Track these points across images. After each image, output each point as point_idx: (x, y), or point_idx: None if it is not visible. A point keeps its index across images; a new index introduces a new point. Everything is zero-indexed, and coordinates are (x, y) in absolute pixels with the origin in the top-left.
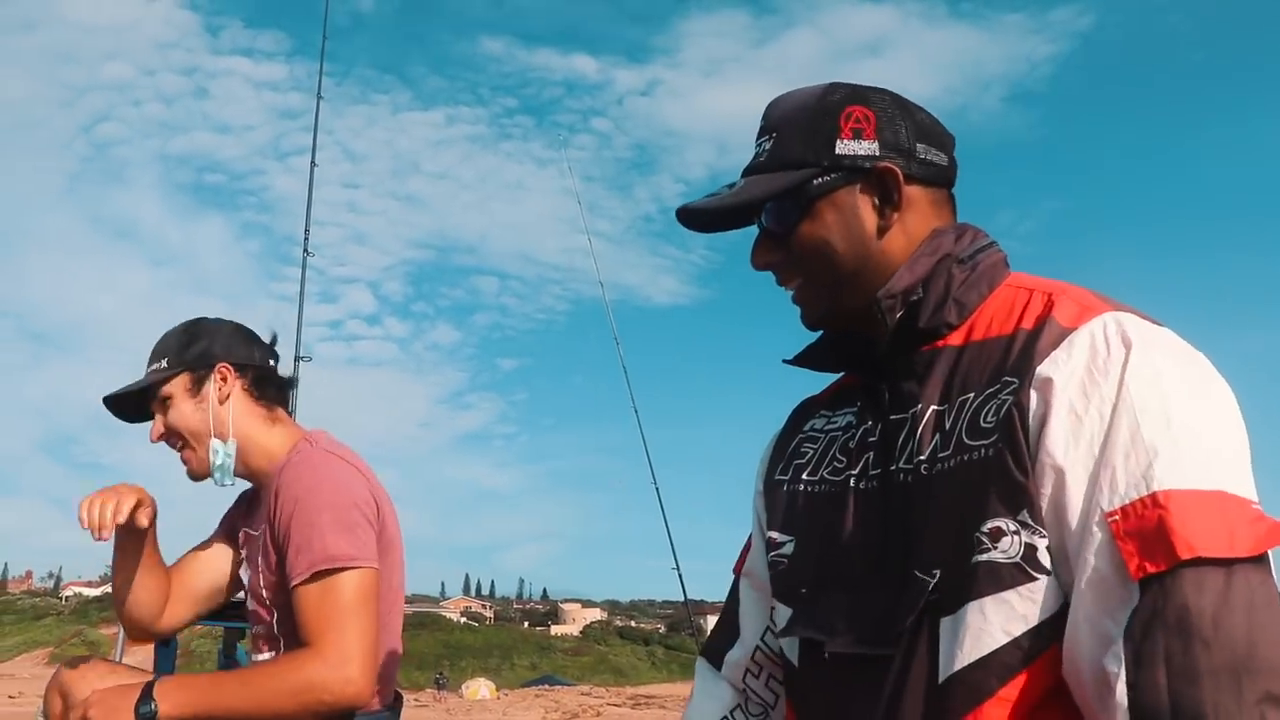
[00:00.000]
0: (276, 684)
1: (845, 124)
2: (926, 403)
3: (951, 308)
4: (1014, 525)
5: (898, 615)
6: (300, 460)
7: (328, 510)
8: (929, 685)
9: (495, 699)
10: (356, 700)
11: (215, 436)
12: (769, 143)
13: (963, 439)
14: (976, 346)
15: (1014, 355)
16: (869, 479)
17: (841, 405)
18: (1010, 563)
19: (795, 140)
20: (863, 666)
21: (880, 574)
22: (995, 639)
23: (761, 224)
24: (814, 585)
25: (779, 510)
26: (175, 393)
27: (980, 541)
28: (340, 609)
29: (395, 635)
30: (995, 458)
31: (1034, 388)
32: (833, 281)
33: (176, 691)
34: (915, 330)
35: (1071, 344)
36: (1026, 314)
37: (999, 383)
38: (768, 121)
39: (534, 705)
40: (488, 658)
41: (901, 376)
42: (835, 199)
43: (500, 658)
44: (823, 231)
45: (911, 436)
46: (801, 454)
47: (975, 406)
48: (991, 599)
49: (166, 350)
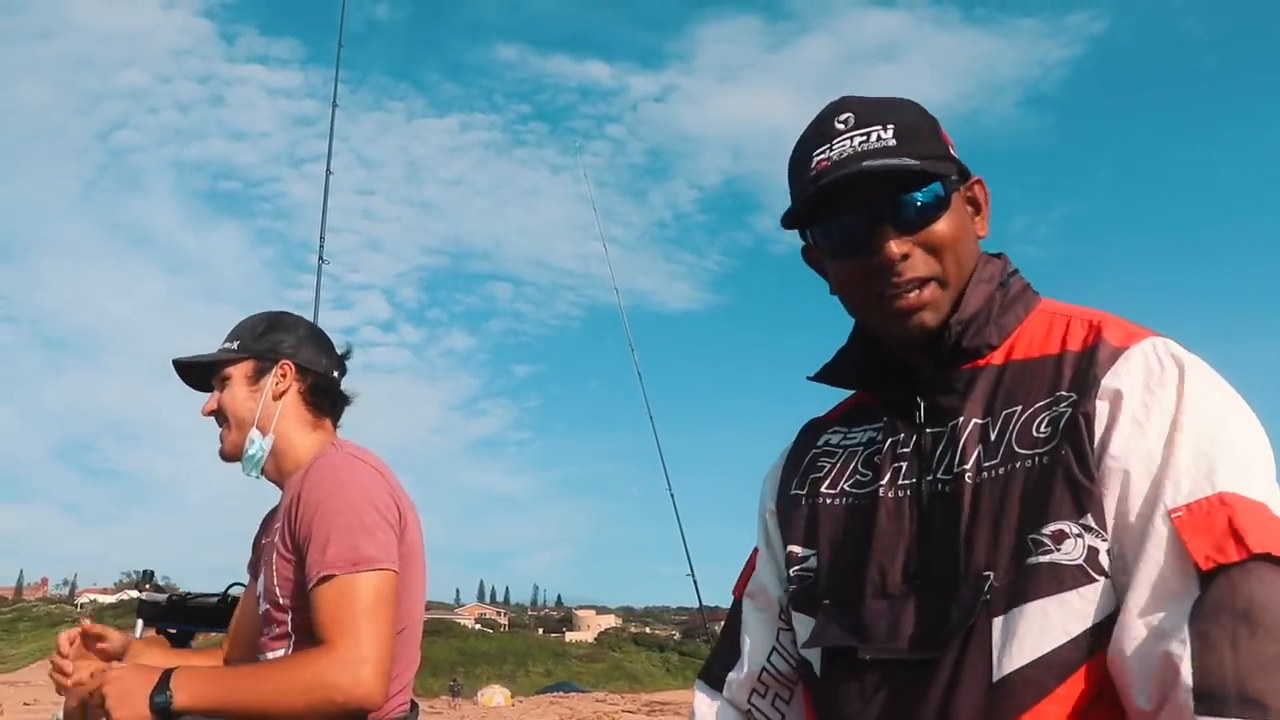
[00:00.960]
0: (288, 679)
1: (945, 135)
2: (968, 416)
3: (993, 330)
4: (1077, 528)
5: (950, 617)
6: (323, 463)
7: (349, 512)
8: (985, 684)
9: (510, 706)
10: (367, 702)
11: (256, 428)
12: (884, 131)
13: (1013, 448)
14: (1019, 365)
15: (1068, 372)
16: (900, 488)
17: (859, 422)
18: (1073, 564)
19: (924, 135)
20: (907, 670)
21: (921, 580)
22: (1055, 638)
23: (889, 212)
24: (843, 595)
25: (798, 525)
26: (235, 375)
27: (1041, 543)
28: (357, 610)
29: (415, 642)
30: (1055, 464)
31: (1100, 398)
32: (958, 281)
33: (191, 681)
34: (958, 349)
35: (1128, 360)
36: (1070, 337)
37: (1052, 397)
38: (868, 111)
39: (549, 712)
40: (502, 664)
41: (939, 392)
42: (960, 199)
43: (515, 664)
44: (957, 229)
45: (951, 448)
46: (819, 468)
47: (1025, 419)
48: (1054, 599)
49: (242, 333)
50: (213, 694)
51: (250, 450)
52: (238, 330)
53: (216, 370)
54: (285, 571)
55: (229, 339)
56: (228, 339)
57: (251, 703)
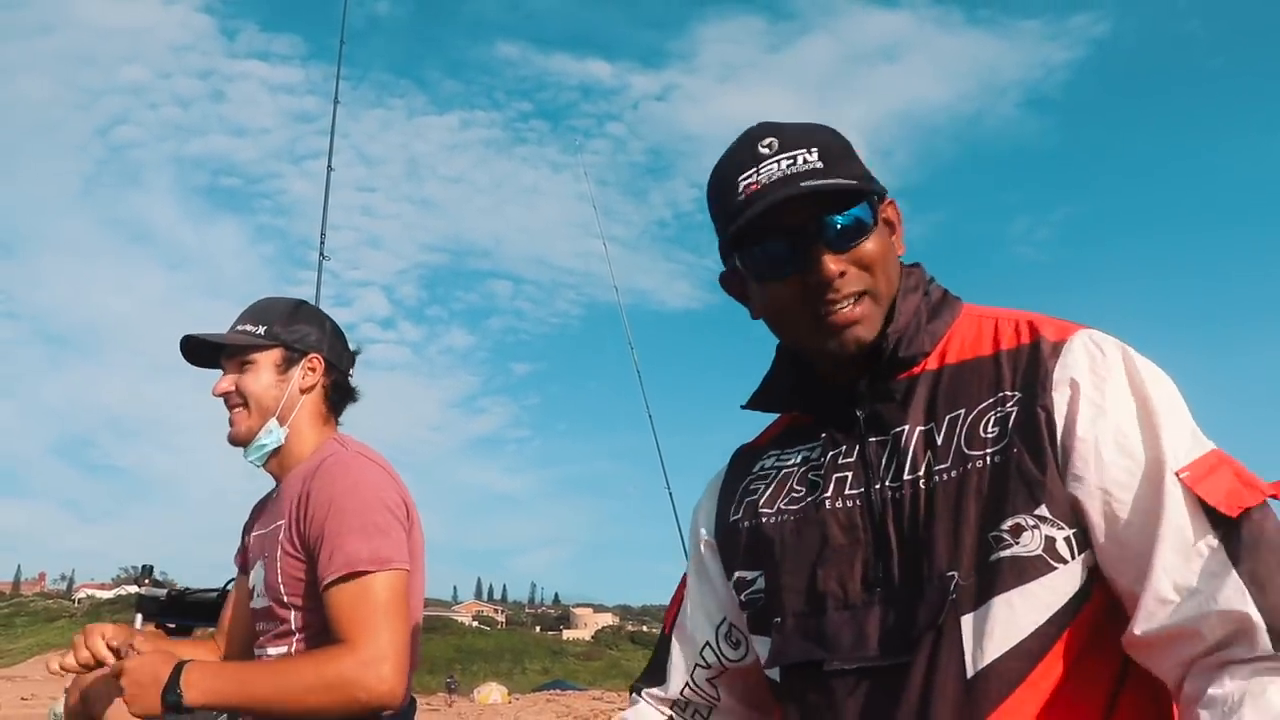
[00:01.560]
0: (310, 677)
1: (858, 156)
2: (912, 424)
3: (925, 337)
4: (1033, 520)
5: (918, 620)
6: (334, 461)
7: (364, 511)
8: (960, 681)
9: (507, 703)
10: (389, 700)
11: (275, 418)
12: (809, 154)
13: (962, 450)
14: (955, 369)
15: (1008, 371)
16: (847, 498)
17: (793, 443)
18: (1033, 556)
19: (845, 158)
20: (878, 677)
21: (882, 587)
22: (1024, 628)
23: (821, 232)
24: (800, 610)
25: (741, 549)
26: (262, 362)
27: (1001, 539)
28: (375, 609)
29: (416, 640)
30: (1007, 461)
31: (1055, 390)
32: (888, 295)
33: (205, 678)
34: (894, 360)
35: (1071, 350)
36: (1001, 337)
37: (996, 396)
38: (787, 137)
39: (545, 710)
40: (499, 662)
41: (878, 402)
42: (884, 219)
43: (512, 662)
44: (884, 247)
45: (896, 455)
46: (753, 491)
47: (970, 421)
48: (1018, 591)
49: (269, 318)
50: (226, 689)
51: (264, 439)
52: (262, 314)
53: (238, 353)
54: (292, 570)
55: (252, 321)
56: (250, 321)
57: (270, 699)
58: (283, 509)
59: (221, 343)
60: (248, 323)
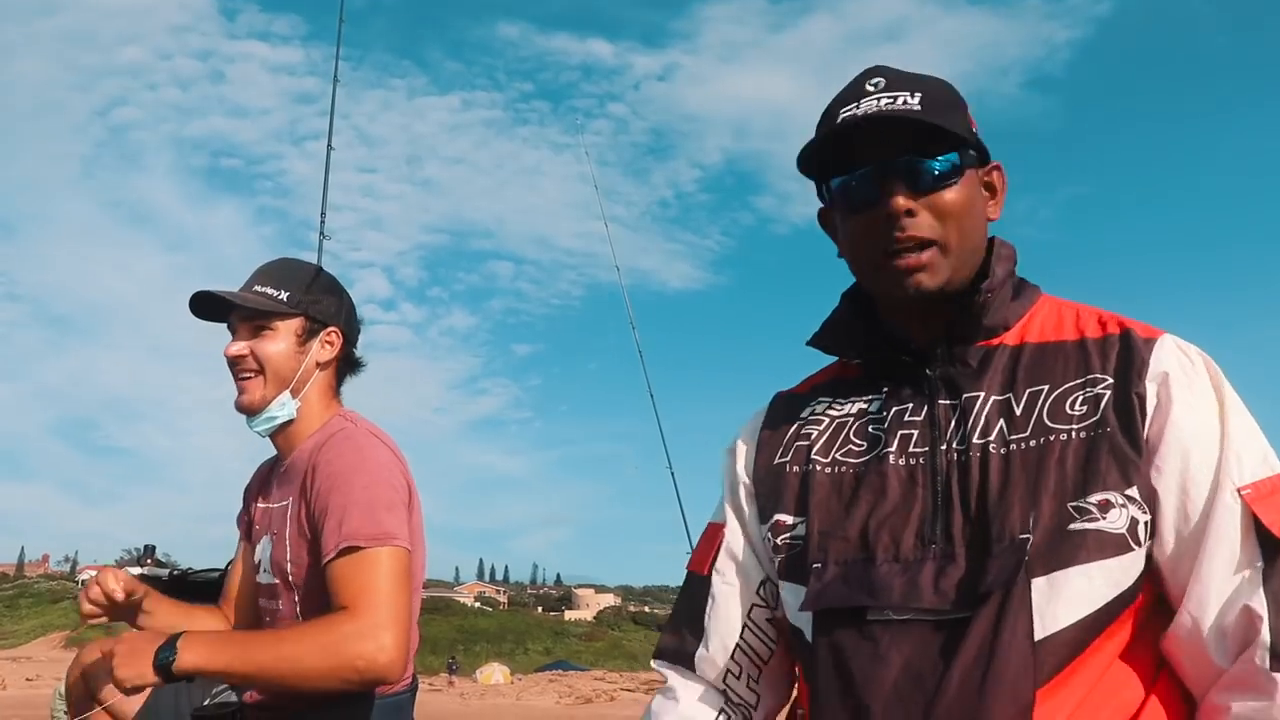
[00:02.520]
0: (308, 642)
1: (970, 117)
2: (987, 393)
3: (1008, 312)
4: (1122, 499)
5: (989, 577)
6: (343, 437)
7: (370, 487)
8: (1029, 641)
9: (509, 684)
10: (388, 671)
11: (289, 389)
12: (910, 98)
13: (1044, 423)
14: (1036, 348)
15: (1099, 357)
16: (911, 456)
17: (849, 393)
18: (1117, 533)
19: (946, 107)
20: (932, 630)
21: (937, 544)
22: (1094, 601)
23: (899, 167)
24: (849, 559)
25: (785, 494)
26: (282, 330)
27: (1086, 510)
28: (376, 581)
29: (414, 620)
30: (1100, 438)
31: (1151, 380)
32: (960, 252)
33: (200, 643)
34: (976, 326)
35: (1163, 348)
36: (1083, 326)
37: (1085, 378)
38: (898, 79)
39: (548, 690)
40: (502, 643)
41: (951, 366)
42: (974, 175)
43: (514, 643)
44: (966, 199)
45: (966, 421)
46: (805, 436)
47: (1056, 397)
48: (1098, 565)
49: (290, 283)
50: (223, 656)
51: (275, 412)
52: (282, 277)
53: (257, 316)
54: (300, 549)
55: (272, 283)
56: (269, 282)
57: (265, 666)
58: (291, 486)
59: (243, 304)
60: (267, 284)
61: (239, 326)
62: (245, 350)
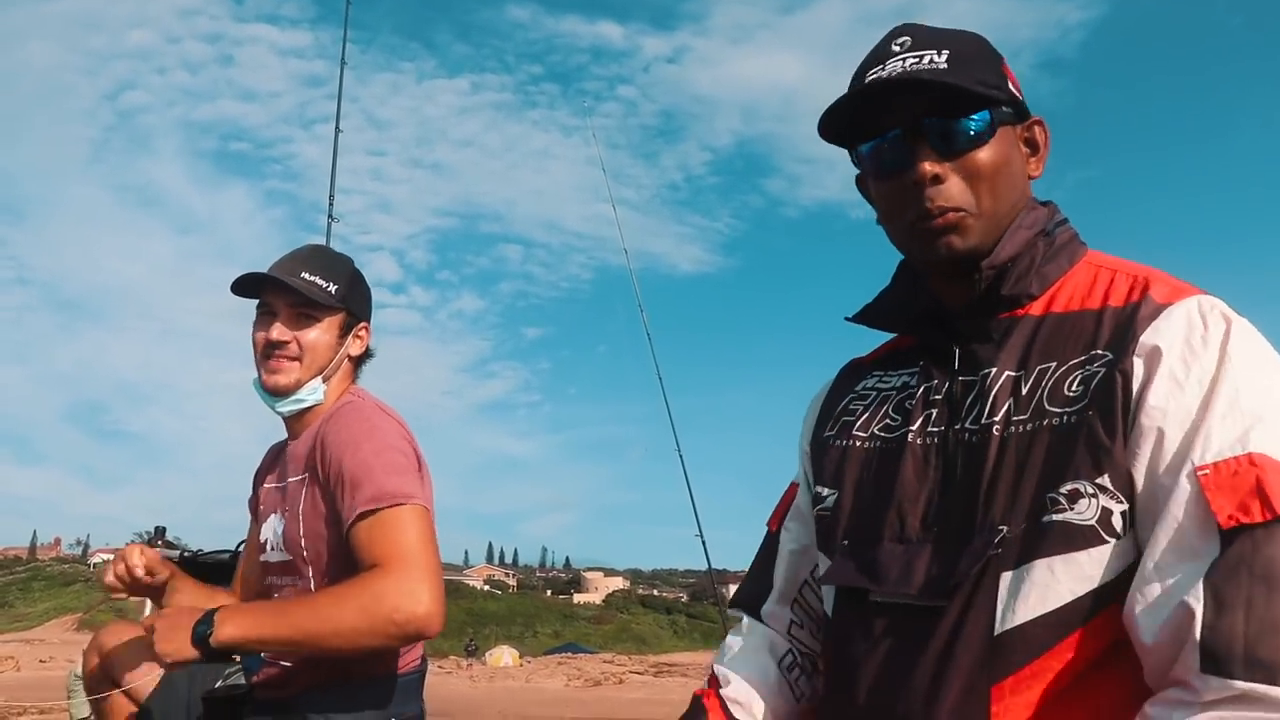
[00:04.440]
0: (344, 602)
1: (1008, 72)
2: (1001, 368)
3: (1034, 279)
4: (1092, 489)
5: (959, 567)
6: (351, 408)
7: (381, 452)
8: (986, 637)
9: (518, 666)
10: (426, 625)
11: (321, 377)
12: (937, 56)
13: (1043, 405)
14: (1057, 319)
15: (1107, 329)
16: (928, 435)
17: (897, 366)
18: (1086, 525)
19: (978, 63)
20: (913, 616)
21: (938, 527)
22: (1061, 596)
23: (926, 130)
24: (862, 537)
25: (825, 466)
26: (327, 322)
27: (1056, 502)
28: (406, 536)
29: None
30: (1080, 424)
31: (1138, 355)
32: (993, 214)
33: (237, 616)
34: (996, 297)
35: (1170, 316)
36: (1113, 292)
37: (1088, 354)
38: (926, 36)
39: (557, 673)
40: (511, 625)
41: (975, 340)
42: (1008, 133)
43: (523, 626)
44: (999, 161)
45: (981, 399)
46: (851, 411)
47: (1059, 375)
48: (1062, 558)
49: (338, 276)
50: (261, 626)
51: (305, 395)
52: (330, 269)
53: (306, 304)
54: (314, 524)
55: (321, 274)
56: (319, 273)
57: (304, 630)
58: (301, 462)
59: (302, 291)
60: (316, 274)
61: (283, 309)
62: (290, 336)
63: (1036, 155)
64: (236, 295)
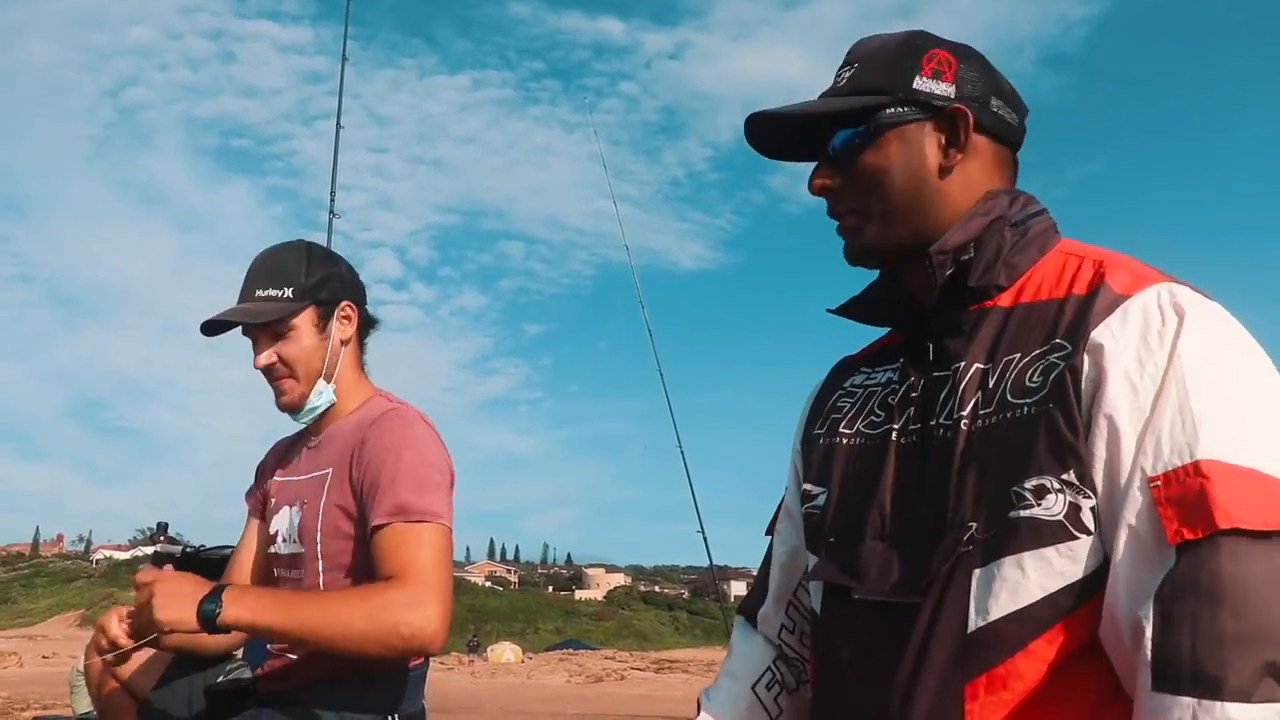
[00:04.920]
0: (355, 606)
1: (927, 64)
2: (970, 360)
3: (1001, 270)
4: (1058, 484)
5: (931, 565)
6: (395, 415)
7: (419, 466)
8: (959, 635)
9: (520, 662)
10: (432, 642)
11: (323, 378)
12: (849, 72)
13: (1007, 397)
14: (1025, 309)
15: (1066, 319)
16: (909, 434)
17: (883, 362)
18: (1053, 520)
19: (875, 70)
20: (891, 614)
21: (916, 525)
22: (1032, 593)
23: (828, 151)
24: (845, 534)
25: (814, 463)
26: (301, 325)
27: (1022, 497)
28: (423, 554)
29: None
30: (1042, 416)
31: (1087, 353)
32: (883, 213)
33: (245, 598)
34: (964, 289)
35: (1125, 311)
36: (1078, 280)
37: (1049, 345)
38: (851, 55)
39: (558, 669)
40: (512, 622)
41: (946, 334)
42: (904, 131)
43: (525, 622)
44: (884, 161)
45: (954, 393)
46: (839, 409)
47: (1021, 367)
48: (1031, 554)
49: (287, 277)
50: (269, 611)
51: (316, 402)
52: (277, 272)
53: (274, 323)
54: (335, 519)
55: (272, 284)
56: (268, 283)
57: (311, 626)
58: (330, 457)
59: (251, 321)
60: (267, 286)
61: (258, 336)
62: (274, 358)
63: (960, 147)
64: (212, 336)
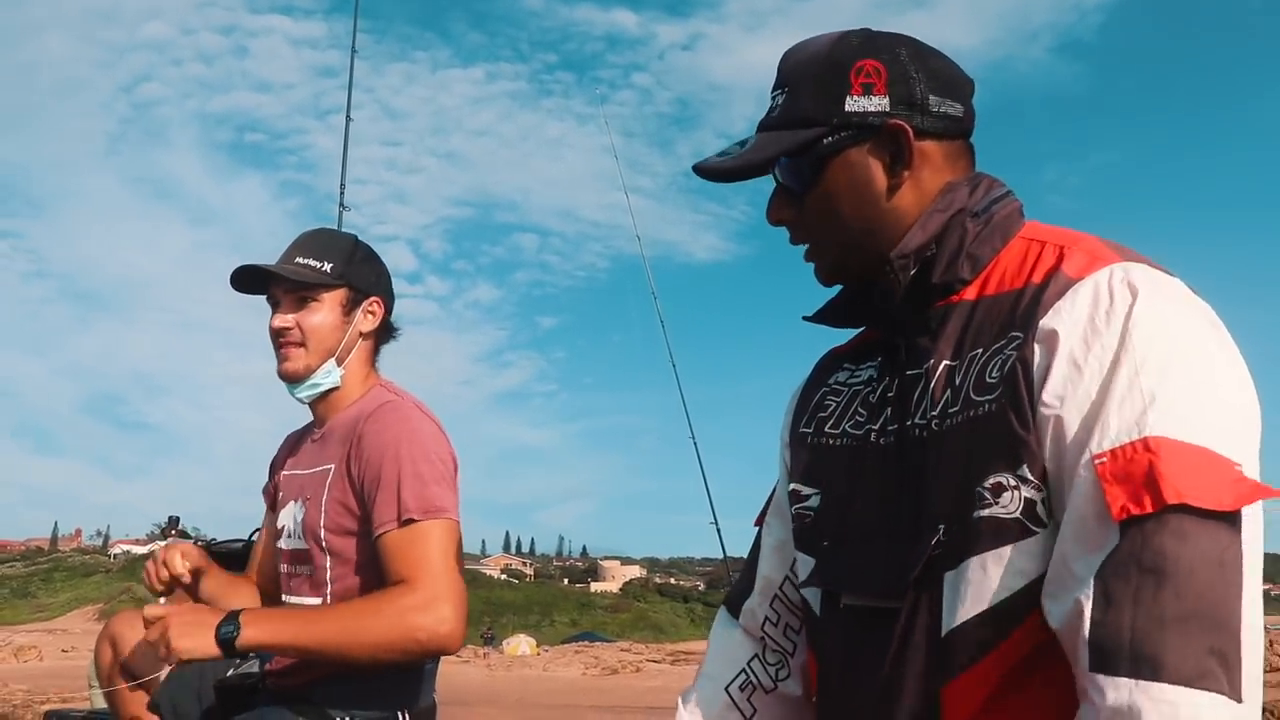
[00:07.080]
0: (369, 616)
1: (855, 79)
2: (939, 358)
3: (965, 263)
4: (1014, 480)
5: (908, 569)
6: (392, 408)
7: (423, 460)
8: (932, 638)
9: (536, 655)
10: (448, 642)
11: (334, 359)
12: (781, 97)
13: (970, 395)
14: (989, 301)
15: (1021, 309)
16: (887, 434)
17: (864, 359)
18: (1011, 518)
19: (806, 96)
20: (873, 619)
21: (896, 528)
22: (996, 594)
23: (777, 178)
24: (835, 538)
25: (803, 463)
26: (328, 301)
27: (983, 496)
28: (433, 553)
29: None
30: (998, 413)
31: (1037, 341)
32: (841, 243)
33: (262, 620)
34: (930, 286)
35: (1076, 294)
36: (1038, 267)
37: (1005, 337)
38: (781, 74)
39: (574, 661)
40: (528, 614)
41: (917, 332)
42: (846, 158)
43: (541, 614)
44: (833, 190)
45: (925, 392)
46: (825, 407)
47: (983, 362)
48: (993, 554)
49: (333, 254)
50: (286, 632)
51: (320, 379)
52: (325, 248)
53: (302, 288)
54: (338, 515)
55: (315, 255)
56: (311, 254)
57: (329, 640)
58: (331, 452)
59: (289, 276)
60: (310, 256)
61: (283, 298)
62: (291, 322)
63: (906, 164)
64: (241, 292)
